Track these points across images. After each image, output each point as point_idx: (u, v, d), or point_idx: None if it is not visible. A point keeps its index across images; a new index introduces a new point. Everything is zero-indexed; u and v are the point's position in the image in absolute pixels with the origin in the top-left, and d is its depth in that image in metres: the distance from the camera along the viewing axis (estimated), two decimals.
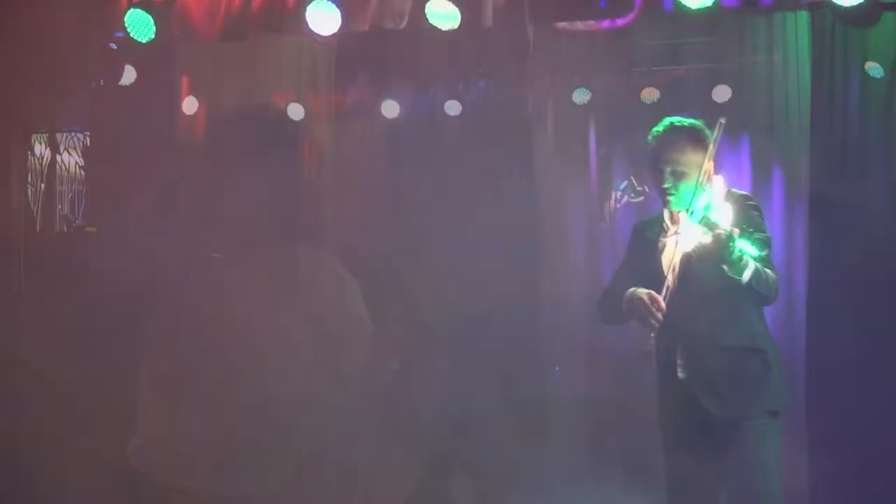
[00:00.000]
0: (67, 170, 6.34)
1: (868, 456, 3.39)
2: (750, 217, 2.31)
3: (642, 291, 2.31)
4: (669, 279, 2.30)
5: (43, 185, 6.33)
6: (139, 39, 3.86)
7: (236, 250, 4.26)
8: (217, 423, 2.87)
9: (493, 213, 4.96)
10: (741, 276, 2.19)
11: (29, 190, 6.29)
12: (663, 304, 2.25)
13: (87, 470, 3.35)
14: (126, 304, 4.23)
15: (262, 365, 3.19)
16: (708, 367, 2.38)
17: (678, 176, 2.38)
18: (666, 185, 2.41)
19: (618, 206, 3.52)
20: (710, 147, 2.33)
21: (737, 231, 2.12)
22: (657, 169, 2.45)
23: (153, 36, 3.86)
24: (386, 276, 5.14)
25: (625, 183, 3.44)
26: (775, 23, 4.29)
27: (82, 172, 6.16)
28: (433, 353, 4.13)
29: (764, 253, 2.28)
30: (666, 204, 2.46)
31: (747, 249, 2.17)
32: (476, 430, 3.88)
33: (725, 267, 2.17)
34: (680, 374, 2.42)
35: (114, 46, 4.08)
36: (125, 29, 3.88)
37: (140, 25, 3.83)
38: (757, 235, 2.26)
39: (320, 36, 3.80)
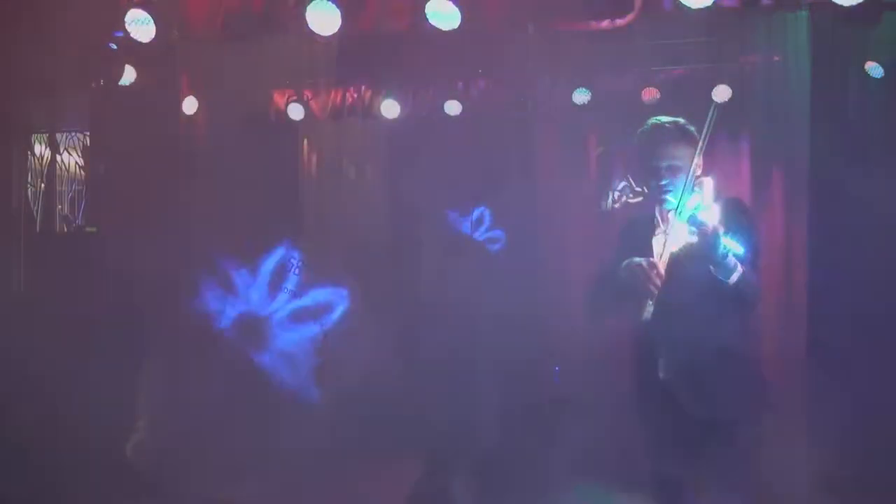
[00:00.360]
0: (67, 170, 6.34)
1: (867, 453, 3.40)
2: (739, 220, 2.22)
3: (640, 259, 2.24)
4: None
5: (43, 185, 6.33)
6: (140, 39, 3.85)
7: (237, 251, 4.26)
8: (212, 424, 2.86)
9: (493, 212, 4.98)
10: (728, 278, 2.14)
11: (29, 190, 6.29)
12: (662, 271, 2.18)
13: (88, 466, 3.35)
14: (125, 304, 4.24)
15: (261, 369, 3.19)
16: (688, 369, 2.31)
17: (675, 171, 2.32)
18: (663, 182, 2.35)
19: (615, 206, 3.50)
20: (701, 142, 2.27)
21: (722, 229, 2.07)
22: (652, 167, 2.38)
23: (153, 36, 3.85)
24: (387, 277, 5.14)
25: (623, 184, 3.41)
26: (775, 23, 4.29)
27: (82, 172, 6.16)
28: (434, 353, 4.12)
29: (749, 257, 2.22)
30: (661, 202, 2.38)
31: (734, 248, 2.11)
32: (477, 429, 3.88)
33: (712, 267, 2.12)
34: (661, 374, 2.38)
35: (114, 46, 4.06)
36: (125, 29, 3.87)
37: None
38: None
39: (320, 36, 3.79)
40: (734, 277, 2.15)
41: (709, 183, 2.18)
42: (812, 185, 3.94)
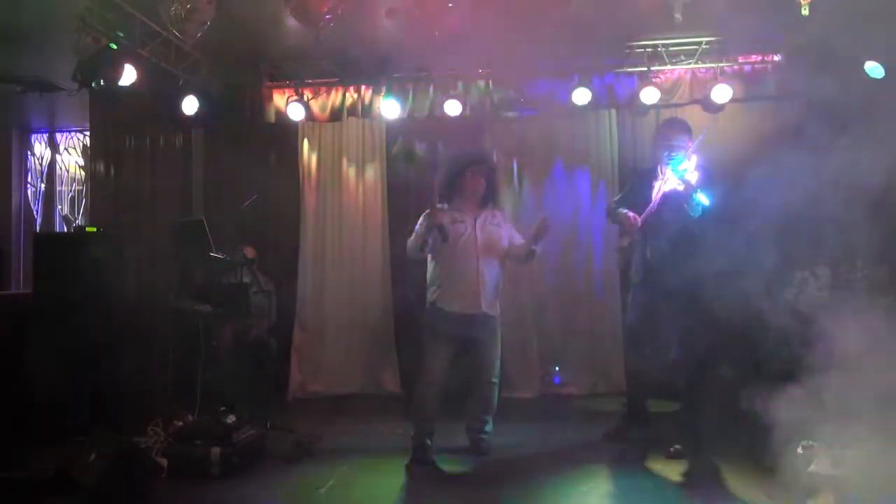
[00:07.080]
0: (67, 170, 6.34)
1: None
2: (706, 183, 3.60)
3: (626, 211, 3.74)
4: (653, 205, 3.68)
5: (43, 185, 6.33)
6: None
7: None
8: None
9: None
10: (695, 213, 3.55)
11: (29, 190, 6.29)
12: (638, 221, 3.68)
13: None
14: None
15: None
16: (667, 255, 3.61)
17: (677, 149, 3.69)
18: (671, 153, 3.69)
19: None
20: (694, 142, 3.69)
21: (696, 186, 3.55)
22: (666, 144, 3.71)
23: None
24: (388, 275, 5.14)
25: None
26: (775, 23, 4.28)
27: (82, 172, 6.16)
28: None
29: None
30: (666, 163, 3.70)
31: (701, 199, 3.53)
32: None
33: (685, 205, 3.55)
34: (648, 255, 3.74)
35: (114, 46, 4.04)
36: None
37: None
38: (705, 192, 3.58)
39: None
40: (697, 212, 3.55)
41: (694, 160, 3.63)
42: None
